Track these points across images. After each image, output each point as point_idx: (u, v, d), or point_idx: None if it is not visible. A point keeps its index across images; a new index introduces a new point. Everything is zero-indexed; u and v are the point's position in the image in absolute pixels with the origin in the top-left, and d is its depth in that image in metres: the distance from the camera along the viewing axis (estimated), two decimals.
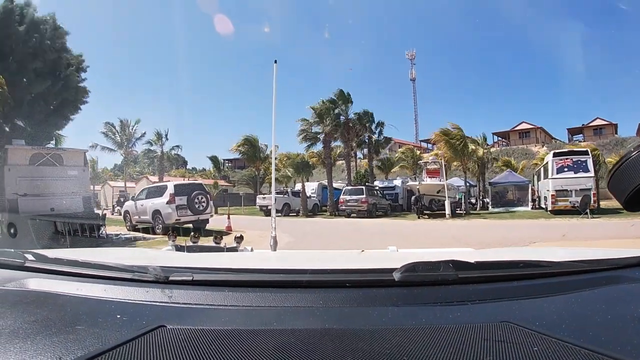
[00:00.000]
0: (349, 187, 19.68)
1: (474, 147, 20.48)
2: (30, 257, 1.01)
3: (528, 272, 0.89)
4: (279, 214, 19.36)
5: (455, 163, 20.71)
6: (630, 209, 0.74)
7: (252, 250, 2.30)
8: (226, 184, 42.44)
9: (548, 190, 16.34)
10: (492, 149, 30.20)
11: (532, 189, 20.33)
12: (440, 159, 18.95)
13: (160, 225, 11.56)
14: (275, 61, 5.50)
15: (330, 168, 22.50)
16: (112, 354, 0.54)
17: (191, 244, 2.52)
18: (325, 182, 23.23)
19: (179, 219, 11.49)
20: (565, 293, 0.79)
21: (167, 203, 11.64)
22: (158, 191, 12.51)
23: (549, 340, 0.56)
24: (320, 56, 67.41)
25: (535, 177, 21.31)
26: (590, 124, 37.86)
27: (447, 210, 16.48)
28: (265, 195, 22.02)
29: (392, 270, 0.81)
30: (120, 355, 0.54)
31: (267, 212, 19.98)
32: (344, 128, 21.96)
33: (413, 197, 17.38)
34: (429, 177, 18.27)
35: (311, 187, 23.83)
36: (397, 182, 23.41)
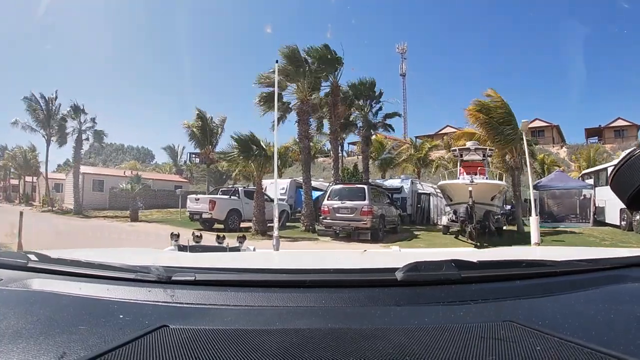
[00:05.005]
0: (339, 186, 11.62)
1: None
2: (33, 257, 1.00)
3: (531, 271, 0.90)
4: (222, 228, 11.88)
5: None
6: (634, 208, 0.73)
7: (254, 250, 2.24)
8: (182, 179, 34.45)
9: None
10: None
11: (593, 200, 14.74)
12: (487, 145, 12.03)
13: None
14: (277, 61, 5.53)
15: (307, 154, 13.76)
16: (114, 354, 0.54)
17: (194, 243, 2.05)
18: (300, 180, 15.53)
19: None
20: (568, 292, 0.79)
21: None
22: None
23: (552, 340, 0.56)
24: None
25: (591, 181, 15.63)
26: (611, 125, 33.36)
27: (535, 236, 8.45)
28: (199, 196, 13.81)
29: (394, 269, 0.81)
30: (123, 355, 0.54)
31: (204, 223, 12.52)
32: (331, 97, 13.97)
33: (462, 209, 9.56)
34: (466, 174, 11.16)
35: (281, 186, 16.41)
36: (405, 182, 16.33)
